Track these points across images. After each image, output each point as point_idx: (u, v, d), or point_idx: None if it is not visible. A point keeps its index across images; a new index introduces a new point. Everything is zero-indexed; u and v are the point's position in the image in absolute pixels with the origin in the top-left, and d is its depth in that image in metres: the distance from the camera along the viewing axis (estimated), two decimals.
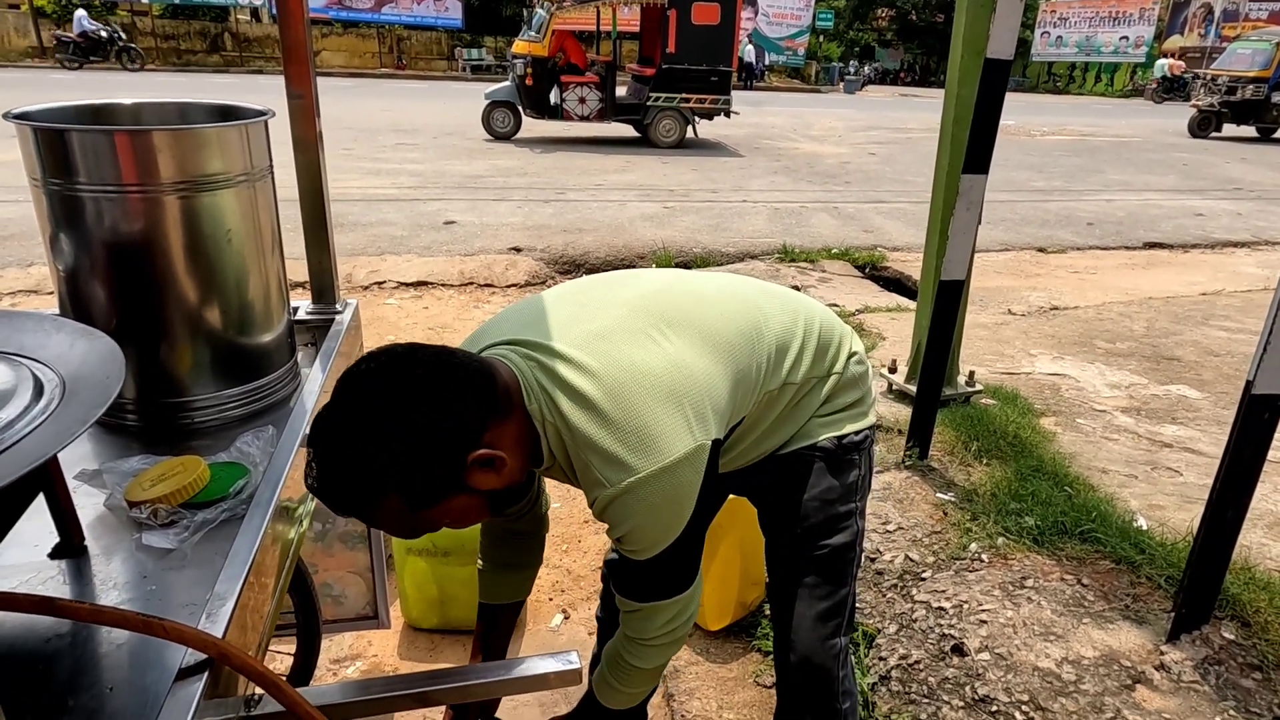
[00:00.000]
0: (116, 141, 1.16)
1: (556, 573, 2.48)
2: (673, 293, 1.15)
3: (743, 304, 1.19)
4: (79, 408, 0.84)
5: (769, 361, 1.18)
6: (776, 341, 1.19)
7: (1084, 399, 3.18)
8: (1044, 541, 2.05)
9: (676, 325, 1.08)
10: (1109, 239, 6.97)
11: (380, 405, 0.90)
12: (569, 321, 1.08)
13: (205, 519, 1.05)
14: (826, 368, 1.26)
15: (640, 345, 1.03)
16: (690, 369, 1.04)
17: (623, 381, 0.99)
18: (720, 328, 1.12)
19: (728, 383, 1.09)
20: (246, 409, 1.36)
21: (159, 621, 0.74)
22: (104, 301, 1.25)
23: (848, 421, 1.29)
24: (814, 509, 1.28)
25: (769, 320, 1.19)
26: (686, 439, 0.98)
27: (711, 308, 1.15)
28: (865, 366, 1.33)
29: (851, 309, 4.68)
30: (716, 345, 1.09)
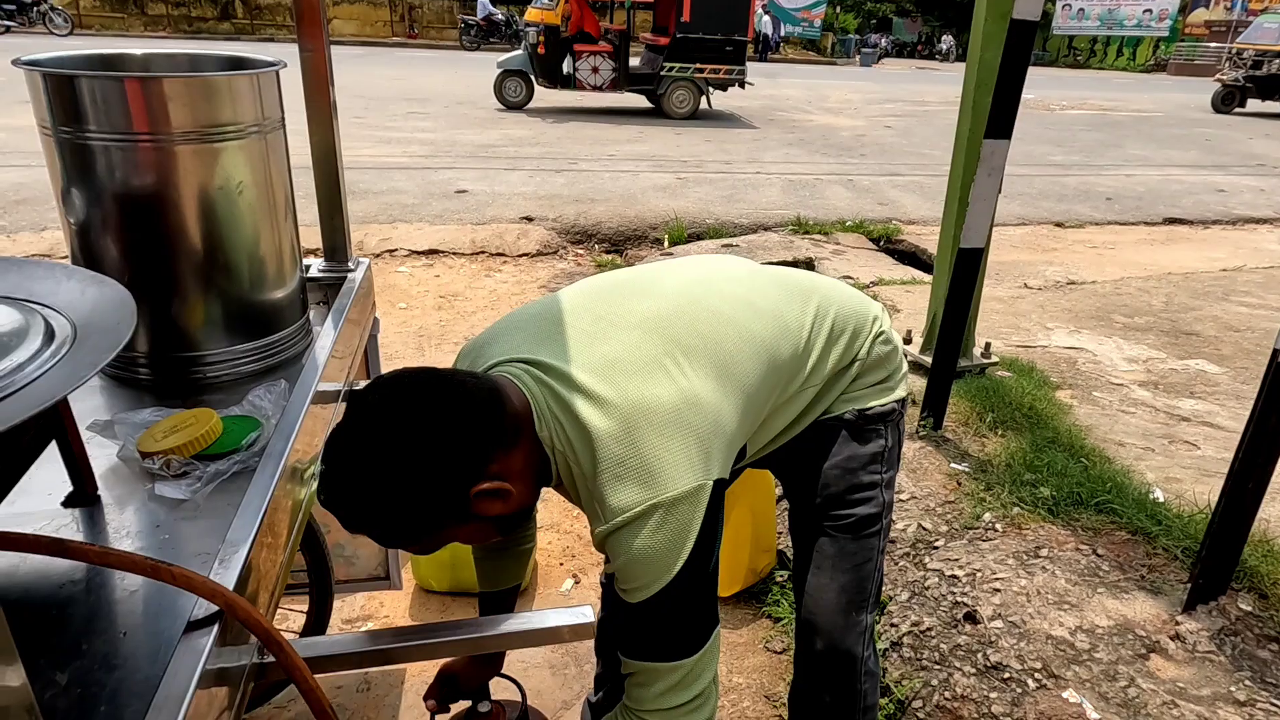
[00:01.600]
0: (127, 88, 1.14)
1: (567, 538, 2.48)
2: (692, 312, 1.09)
3: (763, 320, 1.13)
4: (90, 352, 0.83)
5: (786, 376, 1.16)
6: (796, 353, 1.16)
7: (1101, 372, 3.14)
8: (1059, 512, 2.03)
9: (692, 354, 1.04)
10: (1128, 214, 6.87)
11: (386, 436, 0.89)
12: (584, 341, 1.05)
13: (218, 470, 1.05)
14: (849, 358, 1.23)
15: (654, 377, 1.00)
16: (702, 403, 1.00)
17: (633, 418, 0.96)
18: (737, 356, 1.07)
19: (738, 414, 1.05)
20: (259, 364, 1.35)
21: (166, 566, 0.73)
22: (115, 253, 1.24)
23: (872, 397, 1.26)
24: (835, 477, 1.26)
25: (788, 332, 1.15)
26: (689, 476, 0.94)
27: (730, 329, 1.09)
28: (892, 345, 1.28)
29: (866, 281, 4.64)
30: (731, 375, 1.05)
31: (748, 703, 1.85)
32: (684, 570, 0.94)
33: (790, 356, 1.15)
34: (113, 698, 0.75)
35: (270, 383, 1.22)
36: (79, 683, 0.76)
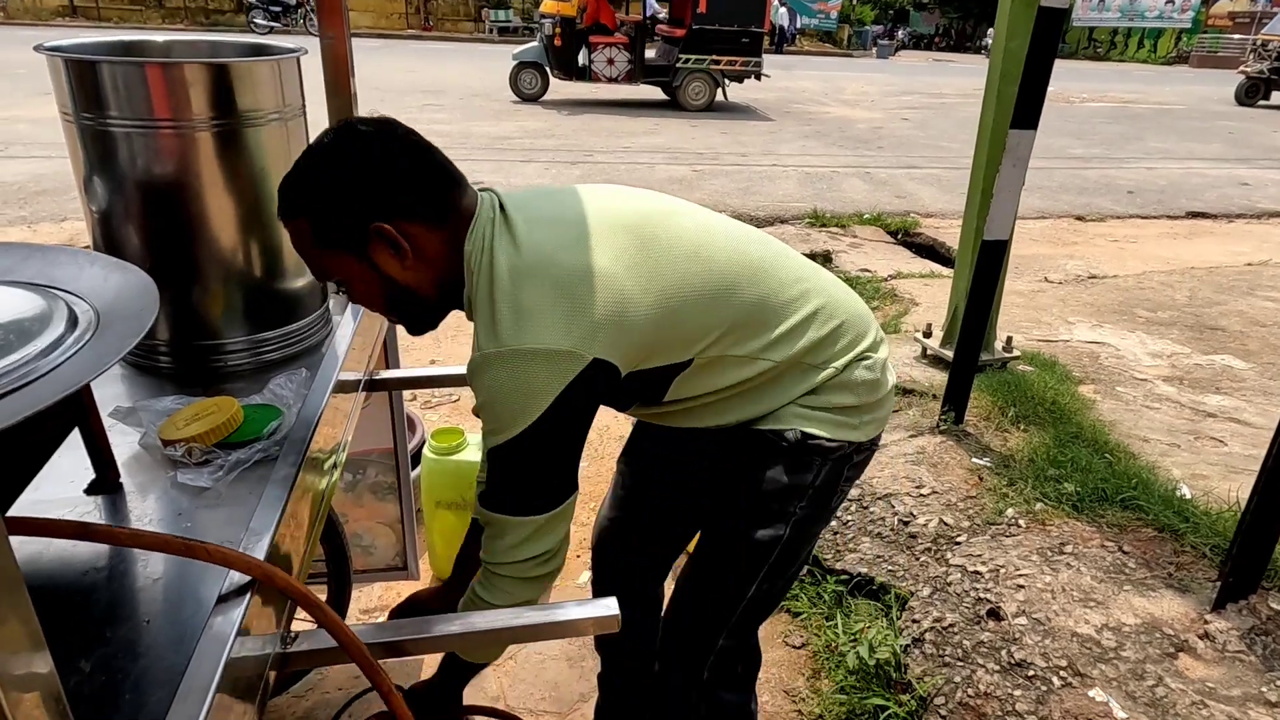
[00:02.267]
0: (148, 74, 1.14)
1: (584, 530, 2.47)
2: (669, 218, 1.09)
3: (737, 254, 1.09)
4: (113, 338, 0.83)
5: (741, 319, 1.08)
6: (764, 305, 1.09)
7: (1124, 367, 3.10)
8: (1083, 508, 2.00)
9: (636, 242, 1.03)
10: (1150, 208, 6.78)
11: (339, 145, 1.00)
12: (545, 200, 1.08)
13: (239, 459, 1.04)
14: (822, 357, 1.13)
15: (575, 242, 1.01)
16: (606, 284, 0.98)
17: (532, 266, 0.98)
18: (685, 266, 1.04)
19: (651, 315, 1.01)
20: (279, 353, 1.34)
21: (201, 544, 0.73)
22: (137, 240, 1.23)
23: (825, 424, 1.14)
24: (746, 491, 1.19)
25: (761, 278, 1.09)
26: (556, 338, 0.94)
27: (693, 240, 1.07)
28: (875, 376, 1.16)
29: (884, 275, 4.60)
30: (667, 287, 1.02)
31: (765, 697, 1.84)
32: (534, 429, 0.95)
33: (753, 302, 1.08)
34: (137, 685, 0.74)
35: (291, 371, 1.22)
36: (103, 670, 0.76)
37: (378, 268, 1.01)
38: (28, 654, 0.48)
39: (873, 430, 1.20)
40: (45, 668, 0.51)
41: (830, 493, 1.20)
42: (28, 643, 0.48)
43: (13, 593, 0.46)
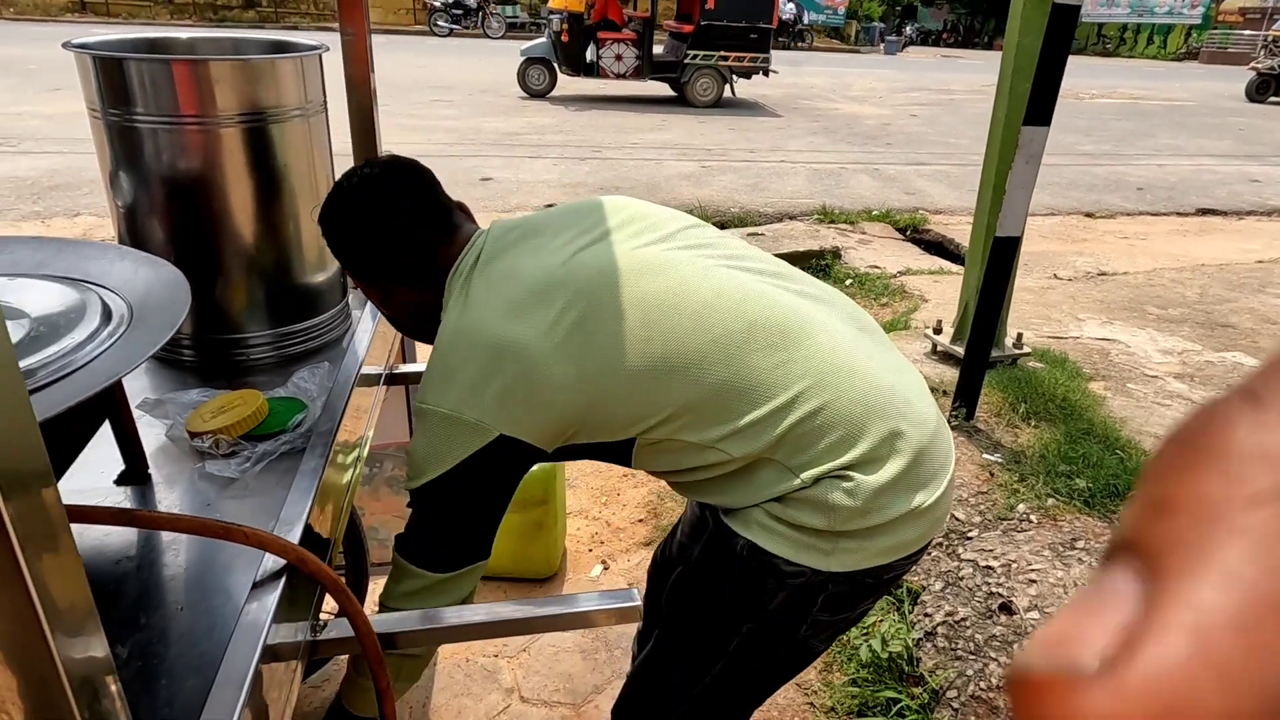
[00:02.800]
0: (174, 71, 1.15)
1: (596, 524, 2.49)
2: (644, 279, 0.97)
3: (714, 333, 0.95)
4: (147, 332, 0.84)
5: (689, 409, 0.96)
6: (723, 391, 0.95)
7: (1135, 364, 3.10)
8: (1095, 504, 2.01)
9: (587, 318, 0.95)
10: (1160, 204, 6.75)
11: (343, 204, 1.09)
12: (526, 244, 1.05)
13: (266, 450, 1.06)
14: (797, 461, 0.95)
15: (512, 313, 0.95)
16: (531, 362, 0.92)
17: (467, 327, 0.97)
18: (628, 350, 0.94)
19: (576, 407, 0.95)
20: (300, 347, 1.36)
21: (238, 527, 0.75)
22: (161, 234, 1.25)
23: (787, 544, 0.98)
24: (678, 591, 1.11)
25: (736, 363, 0.94)
26: (466, 408, 0.93)
27: (652, 318, 0.95)
28: (856, 503, 0.94)
29: (893, 271, 4.60)
30: (601, 367, 0.94)
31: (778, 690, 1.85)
32: (436, 488, 0.95)
33: (717, 384, 0.94)
34: (172, 672, 0.76)
35: (314, 364, 1.23)
36: (139, 656, 0.77)
37: (376, 300, 1.15)
38: (85, 637, 0.50)
39: (857, 561, 0.98)
40: (101, 650, 0.52)
41: (795, 621, 1.02)
42: (86, 626, 0.50)
43: (74, 579, 0.48)
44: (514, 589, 2.18)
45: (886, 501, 0.95)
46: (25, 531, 0.40)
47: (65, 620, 0.45)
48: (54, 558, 0.44)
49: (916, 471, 0.97)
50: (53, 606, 0.43)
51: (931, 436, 1.00)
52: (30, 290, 0.92)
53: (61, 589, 0.44)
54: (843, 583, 1.00)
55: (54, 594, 0.43)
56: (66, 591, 0.45)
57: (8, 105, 8.03)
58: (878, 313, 4.14)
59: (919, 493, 0.97)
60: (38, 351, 0.79)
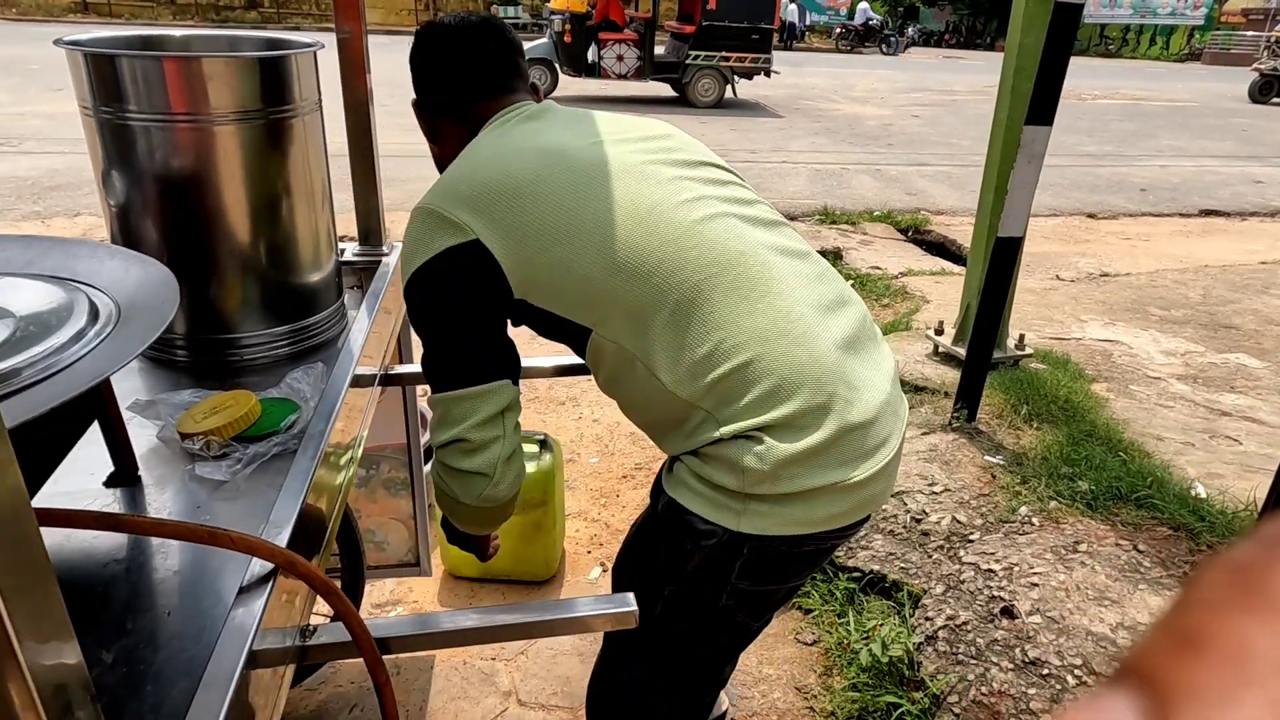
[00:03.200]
0: (166, 68, 1.14)
1: (595, 526, 2.48)
2: (636, 181, 1.05)
3: (686, 248, 0.99)
4: (134, 331, 0.83)
5: (633, 310, 0.99)
6: (668, 307, 0.98)
7: (1137, 365, 3.08)
8: (1097, 506, 1.99)
9: (578, 187, 1.02)
10: (1163, 205, 6.74)
11: (419, 41, 1.25)
12: (551, 124, 1.17)
13: (257, 452, 1.05)
14: (720, 416, 0.97)
15: (533, 160, 1.05)
16: (525, 205, 1.01)
17: (469, 152, 1.12)
18: (598, 217, 1.00)
19: (542, 241, 1.00)
20: (295, 347, 1.35)
21: (225, 532, 0.73)
22: (154, 233, 1.24)
23: (701, 500, 1.00)
24: (622, 559, 1.20)
25: (688, 294, 0.97)
26: (457, 209, 1.02)
27: (638, 213, 1.01)
28: (764, 467, 0.95)
29: (894, 272, 4.59)
30: (573, 219, 1.00)
31: (778, 694, 1.84)
32: (419, 290, 1.04)
33: (667, 299, 0.98)
34: (159, 676, 0.74)
35: (308, 365, 1.22)
36: (125, 661, 0.76)
37: (426, 135, 1.29)
38: (57, 644, 0.49)
39: (767, 526, 0.97)
40: (74, 658, 0.51)
41: (715, 587, 1.02)
42: (57, 633, 0.48)
43: (44, 584, 0.46)
44: (512, 591, 2.17)
45: (799, 472, 0.96)
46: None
47: (33, 626, 0.44)
48: (19, 556, 0.42)
49: (839, 448, 0.97)
50: (18, 611, 0.41)
51: (870, 418, 1.00)
52: (18, 289, 0.91)
53: (28, 591, 0.42)
54: (757, 548, 1.00)
55: (19, 597, 0.41)
56: (34, 594, 0.43)
57: (9, 105, 8.04)
58: (879, 313, 4.13)
59: (839, 469, 0.97)
60: (23, 351, 0.78)
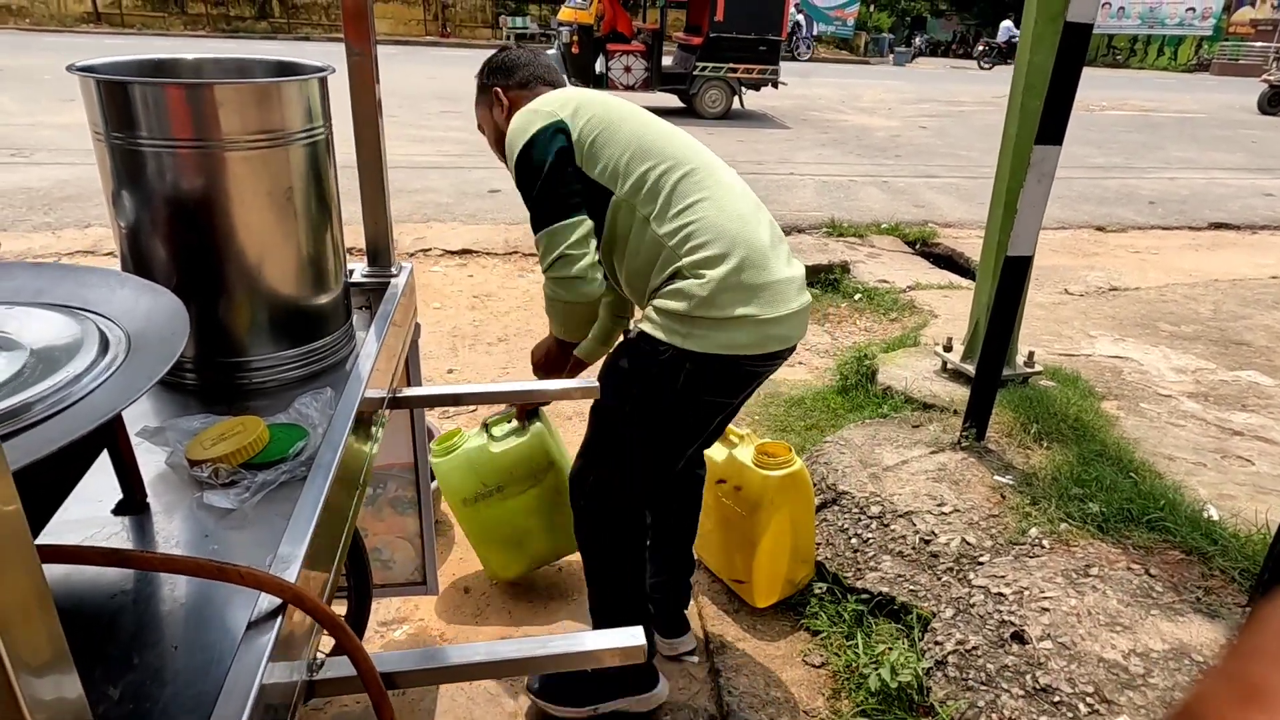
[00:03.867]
0: (178, 95, 1.14)
1: None
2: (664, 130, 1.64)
3: (687, 153, 1.59)
4: (145, 363, 0.83)
5: (646, 186, 1.53)
6: (670, 192, 1.52)
7: (1148, 383, 3.07)
8: (1109, 529, 1.97)
9: (613, 118, 1.60)
10: (1172, 218, 6.71)
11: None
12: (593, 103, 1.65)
13: (265, 480, 1.04)
14: (682, 252, 1.49)
15: (580, 102, 1.62)
16: (580, 109, 1.59)
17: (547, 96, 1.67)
18: (640, 124, 1.61)
19: (595, 127, 1.57)
20: (303, 370, 1.34)
21: (233, 567, 0.73)
22: (164, 257, 1.24)
23: (660, 329, 1.50)
24: (605, 378, 1.57)
25: (674, 174, 1.54)
26: (546, 105, 1.59)
27: (658, 131, 1.61)
28: (704, 294, 1.46)
29: (902, 286, 4.58)
30: (620, 119, 1.60)
31: (786, 718, 1.82)
32: (524, 161, 1.55)
33: (668, 173, 1.54)
34: (165, 712, 0.74)
35: (316, 391, 1.22)
36: (131, 697, 0.76)
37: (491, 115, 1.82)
38: (56, 677, 0.48)
39: (704, 346, 1.48)
40: (74, 693, 0.50)
41: (667, 387, 1.52)
42: (57, 667, 0.48)
43: (45, 617, 0.46)
44: (518, 608, 2.16)
45: (727, 300, 1.46)
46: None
47: (31, 657, 0.43)
48: (18, 585, 0.42)
49: (757, 292, 1.48)
50: (17, 642, 0.41)
51: (778, 279, 1.52)
52: (29, 319, 0.91)
53: (28, 624, 0.42)
54: (696, 363, 1.49)
55: (18, 630, 0.41)
56: (33, 625, 0.43)
57: (21, 116, 8.11)
58: (887, 327, 4.12)
59: (755, 307, 1.47)
60: (34, 385, 0.78)
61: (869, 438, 2.53)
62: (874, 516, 2.17)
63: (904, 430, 2.58)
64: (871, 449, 2.46)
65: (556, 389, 1.48)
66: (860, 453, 2.44)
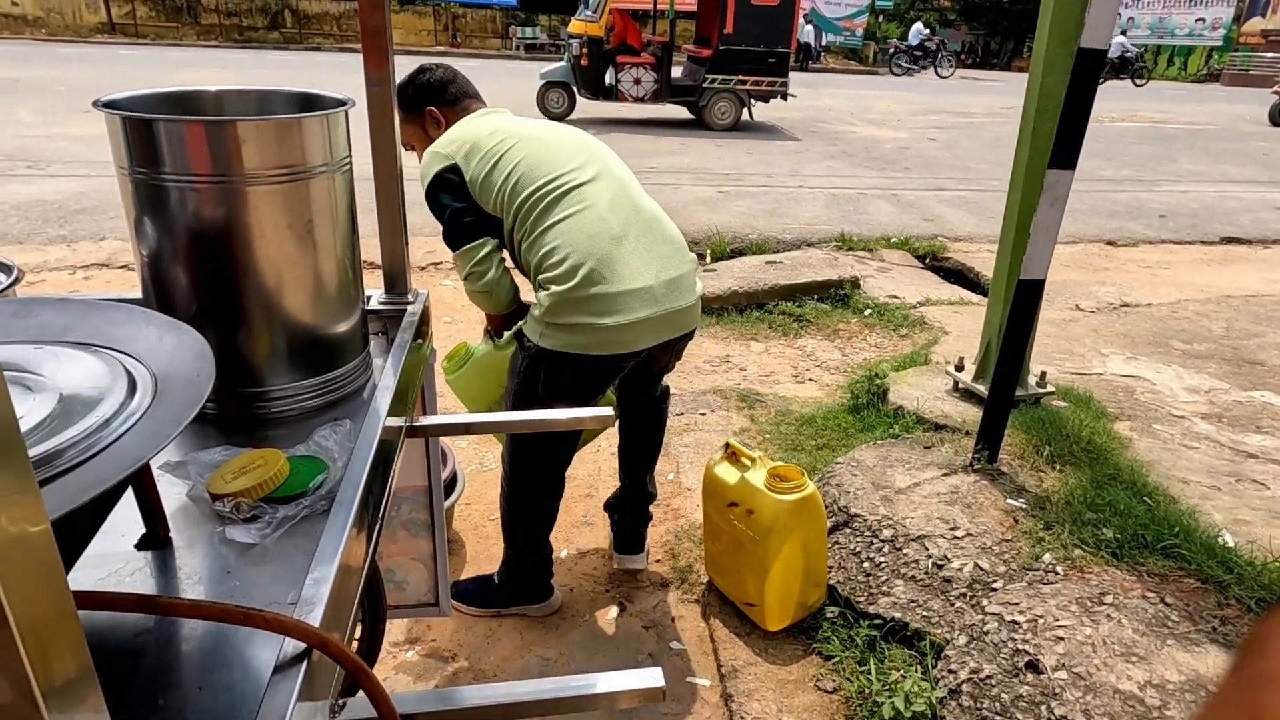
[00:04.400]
0: (202, 132, 1.16)
1: (612, 565, 2.47)
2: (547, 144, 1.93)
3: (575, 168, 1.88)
4: (172, 407, 0.84)
5: (523, 212, 1.86)
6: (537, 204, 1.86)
7: (1160, 403, 3.05)
8: (1123, 555, 1.96)
9: (518, 139, 1.91)
10: (1183, 232, 6.69)
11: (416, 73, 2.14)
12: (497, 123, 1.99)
13: (287, 515, 1.05)
14: (544, 270, 1.86)
15: (477, 122, 1.99)
16: (476, 148, 1.89)
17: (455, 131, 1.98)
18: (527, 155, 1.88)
19: (483, 178, 1.87)
20: (321, 399, 1.35)
21: (259, 613, 0.74)
22: (186, 289, 1.25)
23: (529, 327, 1.90)
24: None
25: (555, 207, 1.84)
26: (444, 148, 1.91)
27: (543, 151, 1.89)
28: (550, 302, 1.81)
29: (912, 301, 4.57)
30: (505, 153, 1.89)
31: None
32: (431, 193, 1.90)
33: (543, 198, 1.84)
34: None
35: (335, 423, 1.23)
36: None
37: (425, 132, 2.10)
38: (87, 714, 0.49)
39: (554, 344, 1.83)
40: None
41: (533, 380, 1.90)
42: (90, 705, 0.48)
43: (78, 658, 0.46)
44: (530, 630, 2.16)
45: (563, 310, 1.79)
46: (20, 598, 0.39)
47: (63, 694, 0.44)
48: (58, 645, 0.43)
49: (589, 303, 1.79)
50: (49, 676, 0.42)
51: (623, 291, 1.80)
52: (58, 359, 0.92)
53: (60, 657, 0.43)
54: (551, 360, 1.84)
55: (52, 663, 0.42)
56: (71, 681, 0.44)
57: (37, 127, 8.18)
58: (897, 344, 4.11)
59: (585, 316, 1.79)
60: (63, 431, 0.79)
61: (881, 459, 2.53)
62: (886, 540, 2.16)
63: (916, 451, 2.58)
64: (883, 470, 2.45)
65: (568, 418, 1.49)
66: (872, 474, 2.44)
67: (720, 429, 3.20)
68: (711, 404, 3.44)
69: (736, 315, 4.52)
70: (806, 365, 3.96)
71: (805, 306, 4.61)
